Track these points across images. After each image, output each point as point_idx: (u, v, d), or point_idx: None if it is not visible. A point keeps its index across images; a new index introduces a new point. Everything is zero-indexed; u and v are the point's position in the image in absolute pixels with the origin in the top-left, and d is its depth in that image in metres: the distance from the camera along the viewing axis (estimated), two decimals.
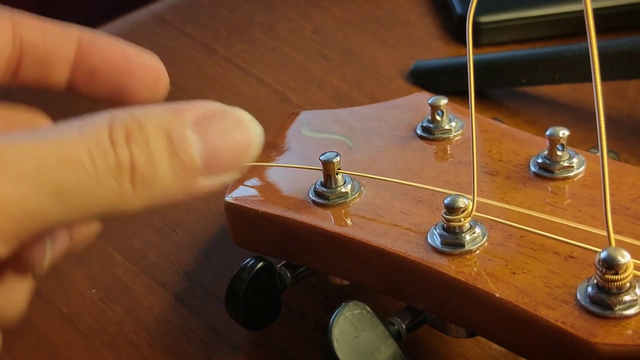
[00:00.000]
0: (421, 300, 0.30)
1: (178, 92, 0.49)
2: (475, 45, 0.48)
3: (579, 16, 0.49)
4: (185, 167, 0.23)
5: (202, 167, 0.23)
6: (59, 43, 0.29)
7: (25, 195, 0.22)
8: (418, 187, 0.31)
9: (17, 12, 0.28)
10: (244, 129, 0.24)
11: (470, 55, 0.27)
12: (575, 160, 0.31)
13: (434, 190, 0.31)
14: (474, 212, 0.29)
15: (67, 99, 0.34)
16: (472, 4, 0.27)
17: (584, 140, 0.41)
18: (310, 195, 0.32)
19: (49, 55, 0.29)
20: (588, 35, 0.23)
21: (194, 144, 0.23)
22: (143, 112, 0.23)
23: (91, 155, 0.22)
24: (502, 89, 0.46)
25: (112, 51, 0.29)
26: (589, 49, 0.24)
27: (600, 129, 0.24)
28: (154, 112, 0.23)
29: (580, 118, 0.44)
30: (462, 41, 0.50)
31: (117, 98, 0.29)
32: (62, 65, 0.29)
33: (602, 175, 0.25)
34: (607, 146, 0.24)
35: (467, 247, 0.28)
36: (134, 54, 0.29)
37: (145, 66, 0.29)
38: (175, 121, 0.23)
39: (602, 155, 0.25)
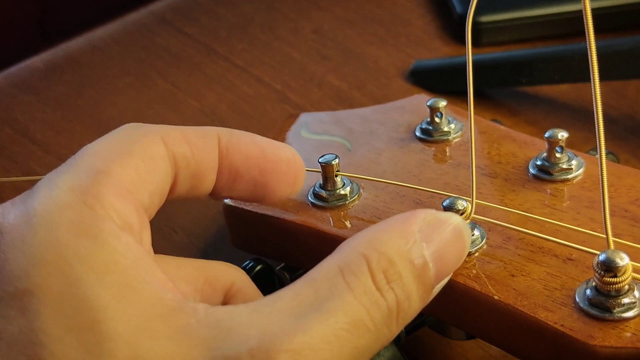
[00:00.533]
0: None
1: (178, 92, 0.49)
2: (475, 45, 0.48)
3: (579, 16, 0.48)
4: (426, 289, 0.24)
5: (434, 280, 0.24)
6: (205, 152, 0.27)
7: None
8: (417, 189, 0.31)
9: (162, 127, 0.26)
10: (461, 238, 0.25)
11: (469, 58, 0.27)
12: (574, 162, 0.31)
13: (433, 192, 0.31)
14: (472, 215, 0.29)
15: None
16: (472, 4, 0.27)
17: (585, 140, 0.41)
18: (309, 198, 0.32)
19: (199, 167, 0.27)
20: (587, 35, 0.23)
21: (430, 264, 0.24)
22: (381, 243, 0.23)
23: (369, 313, 0.22)
24: (502, 89, 0.46)
25: (251, 149, 0.28)
26: (588, 49, 0.24)
27: (598, 132, 0.24)
28: (388, 238, 0.23)
29: (580, 118, 0.44)
30: (462, 41, 0.50)
31: (257, 199, 0.29)
32: (211, 173, 0.27)
33: (600, 178, 0.25)
34: (607, 147, 0.24)
35: None
36: (272, 148, 0.28)
37: (284, 160, 0.28)
38: (411, 244, 0.23)
39: (600, 158, 0.25)
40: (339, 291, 0.22)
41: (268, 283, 0.32)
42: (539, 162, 0.31)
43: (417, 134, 0.35)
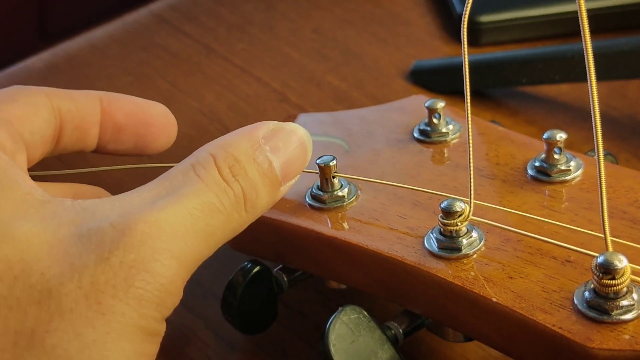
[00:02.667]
0: (418, 304, 0.30)
1: (177, 92, 0.49)
2: (475, 45, 0.48)
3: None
4: (273, 185, 0.28)
5: (281, 179, 0.28)
6: (88, 107, 0.32)
7: (193, 246, 0.25)
8: (415, 190, 0.31)
9: (48, 88, 0.31)
10: (298, 136, 0.28)
11: (466, 60, 0.27)
12: (572, 163, 0.31)
13: (431, 193, 0.31)
14: (470, 216, 0.29)
15: None
16: (467, 4, 0.26)
17: (585, 139, 0.41)
18: (307, 199, 0.32)
19: (82, 120, 0.32)
20: (582, 35, 0.23)
21: (274, 163, 0.28)
22: (229, 145, 0.27)
23: (218, 197, 0.26)
24: (502, 89, 0.46)
25: (130, 106, 0.33)
26: (584, 49, 0.23)
27: (596, 133, 0.24)
28: (235, 142, 0.27)
29: (580, 118, 0.44)
30: None
31: (140, 150, 0.33)
32: (94, 127, 0.32)
33: (599, 179, 0.25)
34: (608, 147, 0.24)
35: (464, 252, 0.28)
36: (147, 105, 0.33)
37: (158, 114, 0.33)
38: (255, 147, 0.27)
39: (598, 159, 0.25)
40: (191, 181, 0.26)
41: (266, 285, 0.32)
42: (537, 164, 0.31)
43: (415, 135, 0.35)
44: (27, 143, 0.30)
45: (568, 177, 0.31)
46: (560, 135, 0.31)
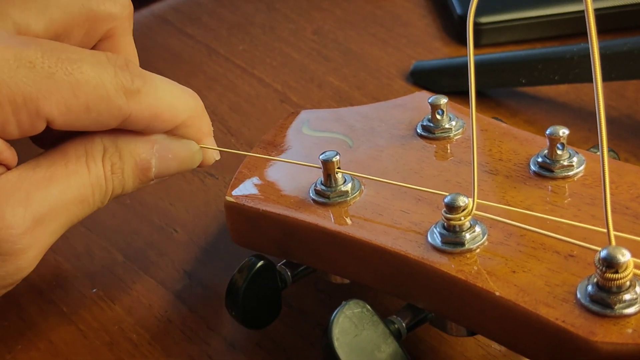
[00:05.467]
0: (421, 298, 0.30)
1: None
2: (475, 45, 0.48)
3: (579, 16, 0.49)
4: (141, 182, 0.32)
5: (153, 177, 0.33)
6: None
7: (50, 223, 0.30)
8: (418, 189, 0.31)
9: None
10: (191, 158, 0.33)
11: (471, 54, 0.27)
12: (575, 159, 0.31)
13: (434, 192, 0.31)
14: (474, 211, 0.29)
15: None
16: (472, 5, 0.27)
17: (584, 140, 0.41)
18: (311, 194, 0.32)
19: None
20: (589, 35, 0.23)
21: (153, 169, 0.32)
22: (123, 142, 0.31)
23: (93, 192, 0.31)
24: (501, 89, 0.46)
25: None
26: (590, 49, 0.24)
27: (600, 128, 0.24)
28: (131, 140, 0.31)
29: (580, 118, 0.44)
30: (462, 41, 0.51)
31: None
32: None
33: (602, 174, 0.25)
34: (607, 145, 0.24)
35: (467, 246, 0.28)
36: None
37: None
38: (146, 150, 0.32)
39: (602, 154, 0.25)
40: (81, 170, 0.30)
41: (269, 279, 0.32)
42: (540, 159, 0.31)
43: (419, 131, 0.35)
44: None
45: (571, 173, 0.31)
46: (563, 131, 0.31)
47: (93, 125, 0.30)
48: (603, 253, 0.25)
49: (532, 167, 0.32)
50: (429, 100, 0.34)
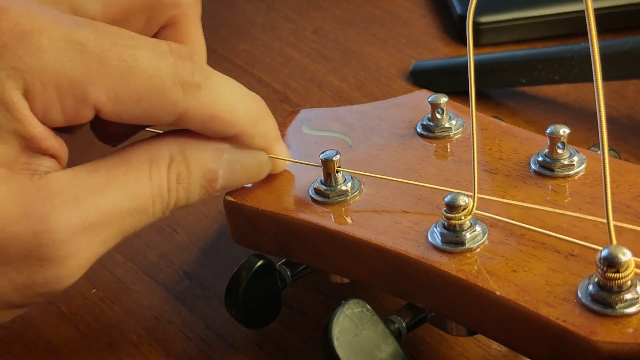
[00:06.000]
0: (421, 298, 0.30)
1: None
2: (475, 45, 0.48)
3: (579, 16, 0.49)
4: (208, 194, 0.30)
5: (219, 189, 0.31)
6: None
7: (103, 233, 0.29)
8: (418, 185, 0.31)
9: None
10: (261, 171, 0.32)
11: (471, 54, 0.27)
12: (575, 158, 0.31)
13: (435, 188, 0.31)
14: (474, 210, 0.29)
15: None
16: (471, 4, 0.27)
17: (584, 140, 0.41)
18: (310, 194, 0.32)
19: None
20: (589, 35, 0.23)
21: (220, 180, 0.30)
22: (190, 150, 0.29)
23: (154, 202, 0.29)
24: (502, 89, 0.46)
25: None
26: (590, 49, 0.24)
27: (601, 127, 0.24)
28: (197, 148, 0.29)
29: (580, 118, 0.44)
30: (462, 41, 0.51)
31: None
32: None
33: (603, 173, 0.25)
34: (608, 145, 0.24)
35: (467, 245, 0.28)
36: None
37: None
38: (214, 160, 0.30)
39: (603, 153, 0.25)
40: (142, 178, 0.28)
41: (269, 279, 0.32)
42: (540, 158, 0.31)
43: (419, 130, 0.35)
44: None
45: (571, 172, 0.31)
46: (564, 130, 0.31)
47: (144, 118, 0.28)
48: (604, 252, 0.25)
49: (533, 166, 0.32)
50: (429, 99, 0.34)
